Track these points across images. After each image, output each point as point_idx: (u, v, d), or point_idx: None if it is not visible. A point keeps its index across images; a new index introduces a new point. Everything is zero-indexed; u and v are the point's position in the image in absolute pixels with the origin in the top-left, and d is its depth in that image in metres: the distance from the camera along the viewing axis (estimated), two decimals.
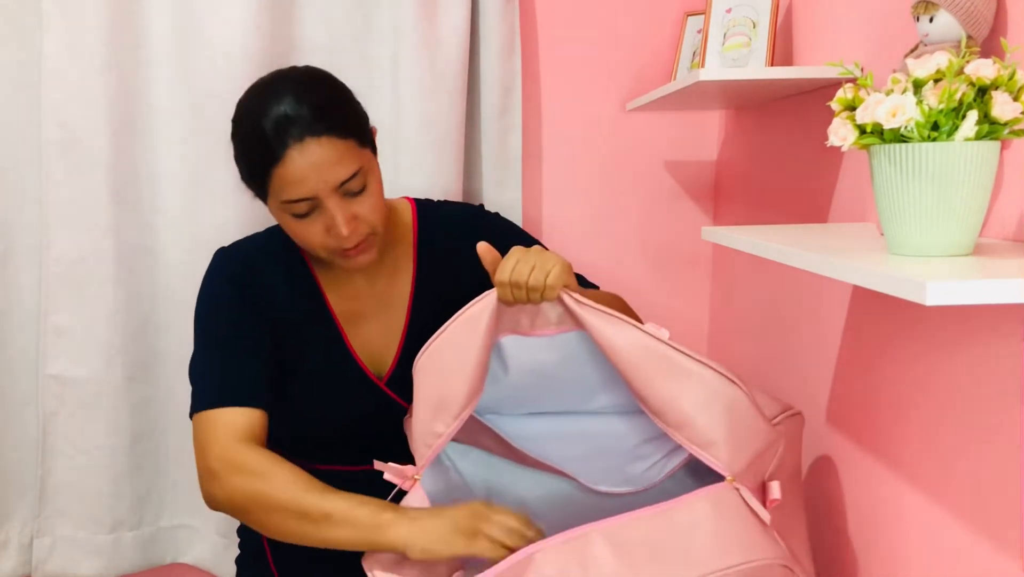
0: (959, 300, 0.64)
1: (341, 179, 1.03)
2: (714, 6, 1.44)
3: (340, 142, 1.03)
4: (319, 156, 1.01)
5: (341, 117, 1.05)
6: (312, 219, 1.05)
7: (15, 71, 1.56)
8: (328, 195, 1.03)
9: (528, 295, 1.00)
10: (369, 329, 1.19)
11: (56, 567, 1.63)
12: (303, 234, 1.07)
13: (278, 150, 1.01)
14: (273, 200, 1.06)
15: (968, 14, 0.87)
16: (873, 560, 1.13)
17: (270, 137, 1.01)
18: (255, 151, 1.03)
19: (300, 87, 1.05)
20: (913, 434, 1.03)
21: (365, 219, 1.07)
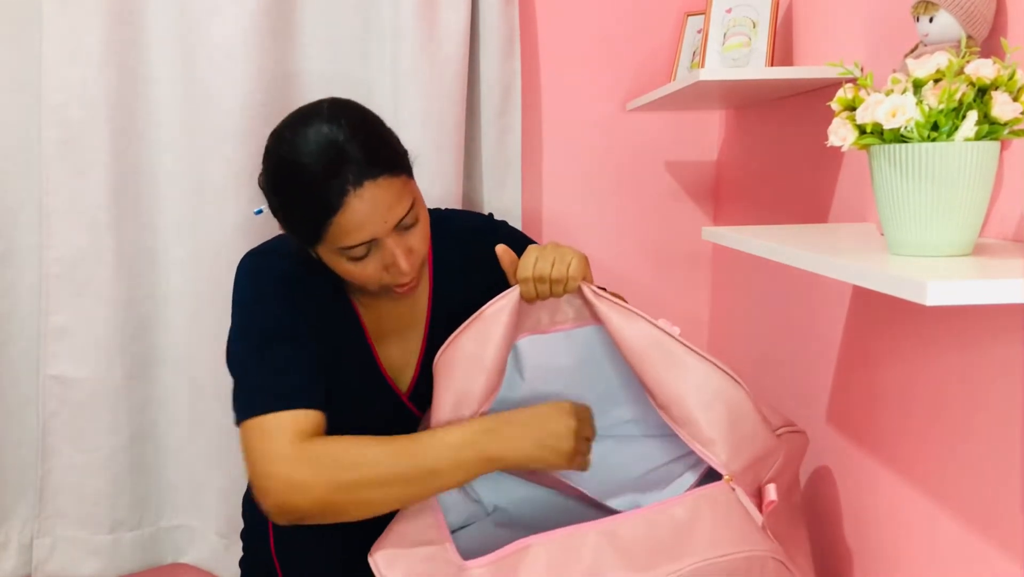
0: (959, 300, 0.64)
1: (399, 217, 1.01)
2: (714, 6, 1.44)
3: (395, 180, 1.00)
4: (379, 199, 0.98)
5: (391, 155, 1.02)
6: (369, 259, 1.02)
7: (15, 71, 1.56)
8: (387, 234, 1.01)
9: (551, 288, 1.03)
10: (392, 346, 1.19)
11: (56, 567, 1.63)
12: (359, 275, 1.04)
13: (337, 199, 0.96)
14: (327, 247, 1.01)
15: (968, 14, 0.87)
16: (873, 560, 1.13)
17: (325, 187, 0.96)
18: (309, 201, 0.98)
19: (343, 128, 0.99)
20: (913, 434, 1.03)
21: (418, 251, 1.05)
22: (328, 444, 0.97)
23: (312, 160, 0.97)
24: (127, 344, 1.61)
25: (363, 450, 0.96)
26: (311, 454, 0.95)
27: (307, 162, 0.98)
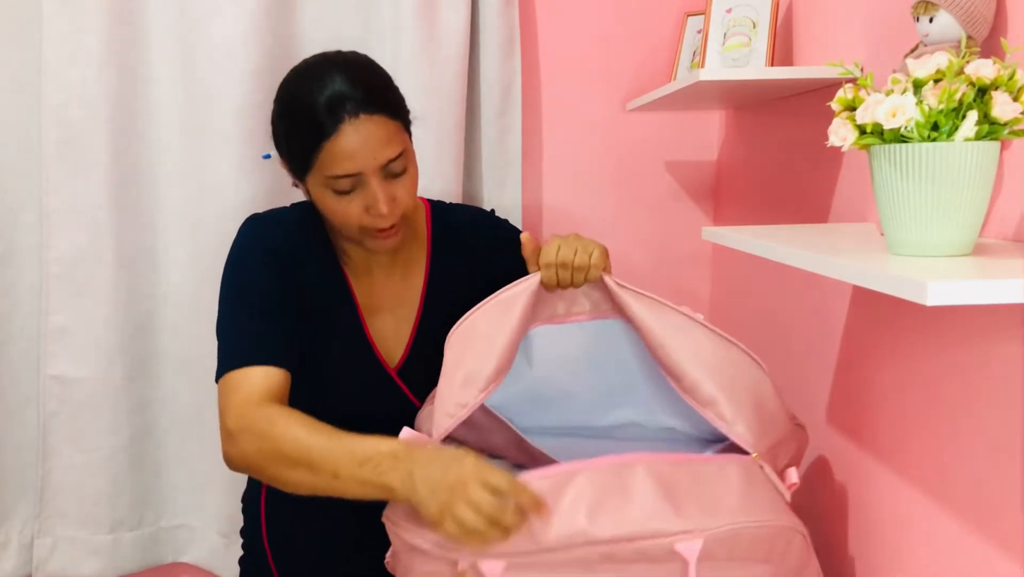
0: (959, 300, 0.64)
1: (388, 158, 1.05)
2: (714, 6, 1.44)
3: (391, 122, 1.06)
4: (371, 133, 1.03)
5: (392, 100, 1.08)
6: (352, 197, 1.06)
7: (15, 71, 1.56)
8: (373, 173, 1.05)
9: (573, 276, 1.06)
10: (384, 321, 1.21)
11: (56, 567, 1.63)
12: (342, 211, 1.07)
13: (332, 124, 1.02)
14: (316, 176, 1.06)
15: (968, 14, 0.87)
16: (873, 560, 1.13)
17: (324, 112, 1.03)
18: (307, 125, 1.04)
19: (352, 68, 1.07)
20: (913, 434, 1.03)
21: (402, 201, 1.09)
22: (267, 411, 1.01)
23: (315, 87, 1.04)
24: (127, 344, 1.61)
25: (289, 427, 0.99)
26: (249, 415, 1.01)
27: (310, 88, 1.05)
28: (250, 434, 1.01)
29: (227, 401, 1.04)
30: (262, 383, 1.04)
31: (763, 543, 0.95)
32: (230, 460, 1.05)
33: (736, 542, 0.93)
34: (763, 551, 0.96)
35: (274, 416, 1.01)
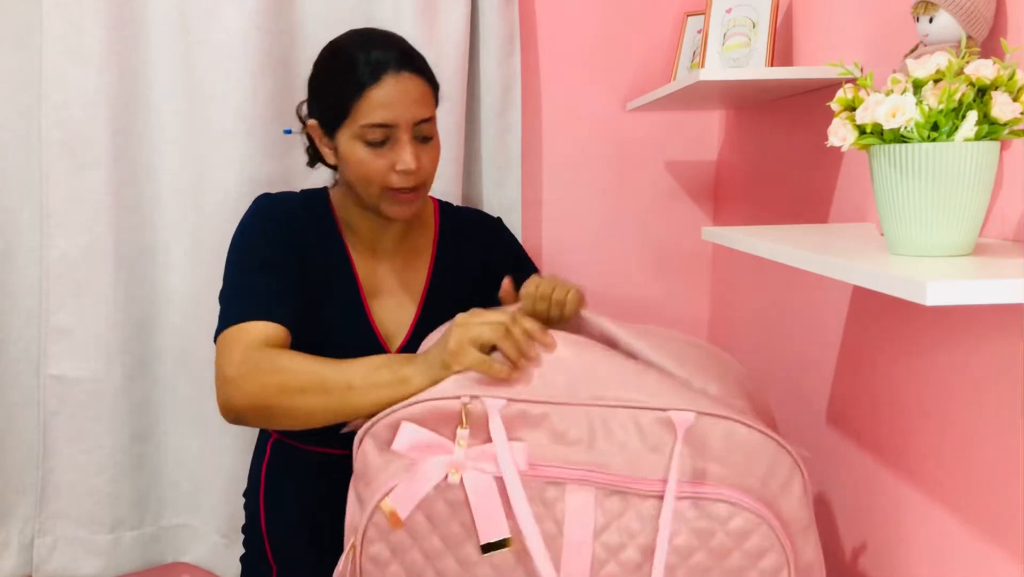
0: (959, 300, 0.64)
1: (421, 116, 1.12)
2: (714, 6, 1.44)
3: (427, 86, 1.14)
4: (411, 89, 1.11)
5: (428, 69, 1.16)
6: (382, 151, 1.12)
7: (15, 71, 1.56)
8: (406, 128, 1.11)
9: (550, 308, 1.09)
10: (386, 305, 1.23)
11: (57, 567, 1.63)
12: (368, 166, 1.12)
13: (376, 74, 1.10)
14: (350, 127, 1.11)
15: (968, 14, 0.87)
16: (873, 560, 1.13)
17: (370, 63, 1.10)
18: (350, 74, 1.10)
19: (397, 38, 1.18)
20: (913, 434, 1.03)
21: (425, 168, 1.14)
22: (268, 352, 1.03)
23: (362, 44, 1.13)
24: (127, 344, 1.61)
25: (294, 359, 1.02)
26: (252, 358, 1.02)
27: (357, 44, 1.14)
28: (253, 374, 1.01)
29: (226, 352, 1.04)
30: (261, 335, 1.05)
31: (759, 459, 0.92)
32: (231, 406, 1.03)
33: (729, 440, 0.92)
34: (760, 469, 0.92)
35: (276, 354, 1.03)
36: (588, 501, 0.90)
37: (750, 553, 0.90)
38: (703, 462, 0.91)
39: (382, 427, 0.95)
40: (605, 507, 0.90)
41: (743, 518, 0.90)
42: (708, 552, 0.90)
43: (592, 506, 0.90)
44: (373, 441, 0.95)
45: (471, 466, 0.90)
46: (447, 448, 0.91)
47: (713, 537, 0.90)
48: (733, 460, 0.92)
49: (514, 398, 0.93)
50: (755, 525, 0.90)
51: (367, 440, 0.96)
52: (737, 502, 0.90)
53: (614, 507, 0.91)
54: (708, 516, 0.90)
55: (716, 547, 0.90)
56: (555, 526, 0.90)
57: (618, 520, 0.90)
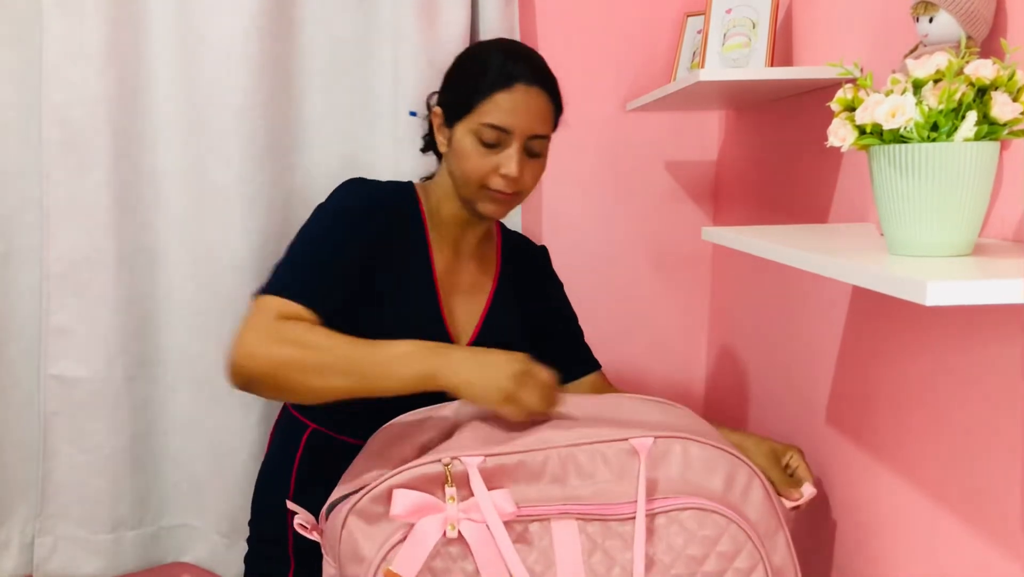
0: (959, 300, 0.64)
1: (538, 132, 1.17)
2: (714, 6, 1.44)
3: (551, 106, 1.20)
4: (536, 102, 1.17)
5: (558, 94, 1.22)
6: (491, 152, 1.16)
7: (15, 71, 1.56)
8: (520, 137, 1.16)
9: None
10: (458, 302, 1.27)
11: (57, 566, 1.63)
12: (474, 161, 1.16)
13: (510, 80, 1.15)
14: (470, 121, 1.16)
15: (968, 14, 0.87)
16: (873, 560, 1.13)
17: (508, 68, 1.16)
18: (487, 73, 1.16)
19: (539, 57, 1.23)
20: (913, 434, 1.03)
21: (525, 180, 1.19)
22: (295, 325, 1.03)
23: (507, 52, 1.19)
24: (128, 344, 1.61)
25: (319, 336, 1.02)
26: (276, 329, 1.03)
27: (502, 50, 1.20)
28: (272, 347, 1.01)
29: (255, 315, 1.05)
30: (294, 313, 1.06)
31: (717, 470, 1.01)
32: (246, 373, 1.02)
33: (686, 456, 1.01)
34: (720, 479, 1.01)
35: (295, 327, 1.03)
36: (572, 531, 0.97)
37: (725, 555, 0.98)
38: (667, 478, 1.01)
39: (367, 502, 0.97)
40: (588, 533, 0.97)
41: (712, 521, 0.98)
42: (687, 560, 0.97)
43: (576, 534, 0.97)
44: (359, 518, 0.98)
45: (464, 517, 0.95)
46: (439, 507, 0.96)
47: (689, 545, 0.98)
48: (694, 472, 1.01)
49: (490, 453, 0.99)
50: (724, 526, 0.98)
51: (352, 519, 0.98)
52: (704, 507, 0.98)
53: (596, 534, 0.98)
54: (681, 526, 0.98)
55: (693, 555, 0.97)
56: (547, 559, 0.96)
57: (602, 545, 0.97)
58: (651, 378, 1.89)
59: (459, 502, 0.96)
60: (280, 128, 1.60)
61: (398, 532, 0.96)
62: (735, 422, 1.72)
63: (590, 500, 0.99)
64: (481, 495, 0.95)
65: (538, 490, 0.99)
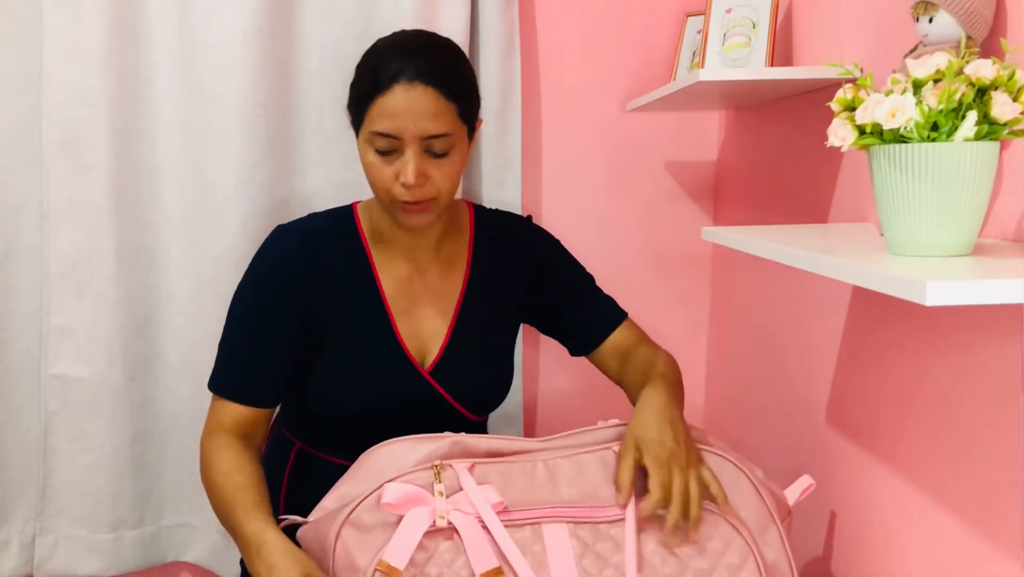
0: (959, 300, 0.64)
1: (429, 132, 1.07)
2: (714, 6, 1.44)
3: (443, 101, 1.08)
4: (419, 102, 1.06)
5: (456, 81, 1.10)
6: (389, 160, 1.09)
7: (15, 71, 1.56)
8: (412, 141, 1.07)
9: None
10: (419, 317, 1.22)
11: (58, 566, 1.63)
12: (375, 172, 1.11)
13: (388, 81, 1.07)
14: (364, 131, 1.10)
15: (968, 14, 0.87)
16: (873, 560, 1.13)
17: (386, 68, 1.08)
18: (368, 77, 1.09)
19: (431, 42, 1.14)
20: (913, 434, 1.03)
21: (434, 183, 1.10)
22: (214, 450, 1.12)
23: (391, 50, 1.11)
24: (128, 343, 1.61)
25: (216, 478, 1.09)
26: (206, 445, 1.14)
27: (387, 49, 1.11)
28: (202, 470, 1.13)
29: (207, 420, 1.17)
30: (233, 417, 1.15)
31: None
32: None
33: None
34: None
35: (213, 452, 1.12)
36: (563, 534, 0.99)
37: (715, 551, 0.99)
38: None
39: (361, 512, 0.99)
40: (579, 536, 0.99)
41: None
42: (677, 559, 0.99)
43: (568, 538, 0.99)
44: (353, 529, 0.99)
45: (452, 509, 0.97)
46: (429, 500, 0.98)
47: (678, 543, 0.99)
48: None
49: (479, 461, 1.02)
50: (713, 522, 1.00)
51: (346, 530, 0.99)
52: None
53: (587, 536, 0.99)
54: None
55: (684, 553, 0.99)
56: (539, 562, 0.97)
57: (593, 547, 0.99)
58: None
59: (448, 497, 0.98)
60: (280, 128, 1.60)
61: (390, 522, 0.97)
62: (735, 422, 1.72)
63: (580, 503, 1.01)
64: (470, 488, 0.98)
65: (528, 494, 1.01)
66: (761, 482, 1.05)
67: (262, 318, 1.17)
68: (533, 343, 1.83)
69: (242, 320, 1.18)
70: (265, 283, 1.18)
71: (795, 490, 1.10)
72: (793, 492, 1.09)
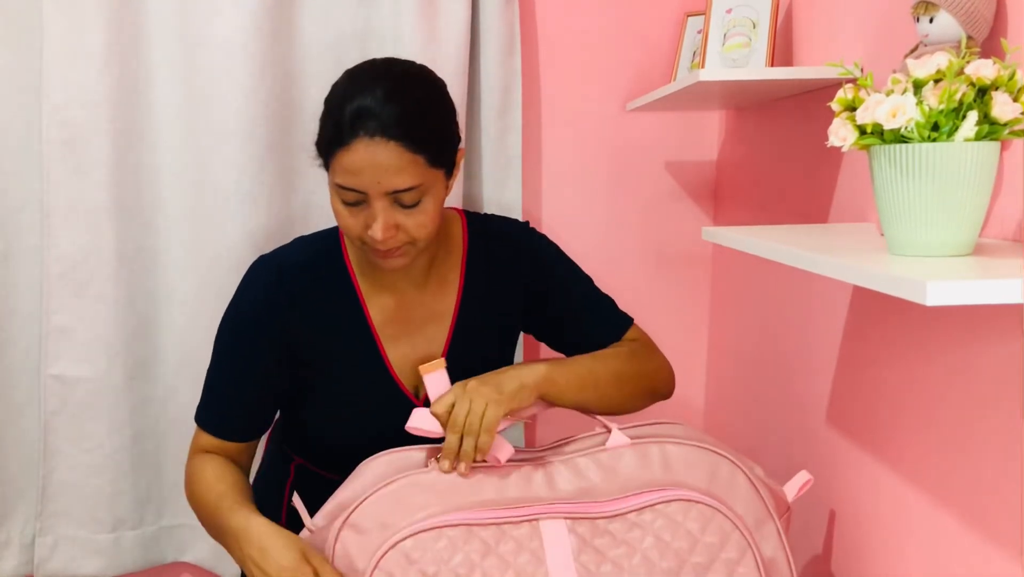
0: (959, 300, 0.64)
1: (395, 188, 1.02)
2: (714, 6, 1.45)
3: (408, 154, 1.01)
4: (382, 158, 1.01)
5: (422, 130, 1.03)
6: (357, 210, 1.05)
7: (15, 71, 1.56)
8: (378, 197, 1.03)
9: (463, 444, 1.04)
10: (410, 343, 1.19)
11: (57, 566, 1.63)
12: (343, 221, 1.08)
13: (349, 136, 1.02)
14: (331, 177, 1.07)
15: (968, 14, 0.87)
16: (873, 560, 1.13)
17: (347, 121, 1.02)
18: (330, 128, 1.05)
19: (398, 85, 1.05)
20: (913, 434, 1.03)
21: (407, 232, 1.06)
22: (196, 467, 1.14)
23: (354, 92, 1.04)
24: (128, 343, 1.61)
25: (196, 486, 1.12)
26: (189, 467, 1.16)
27: (350, 91, 1.04)
28: (187, 486, 1.15)
29: (191, 446, 1.19)
30: (213, 445, 1.16)
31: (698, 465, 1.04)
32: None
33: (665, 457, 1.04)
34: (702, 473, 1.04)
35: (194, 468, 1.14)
36: (561, 531, 0.99)
37: (712, 545, 0.99)
38: (650, 479, 1.03)
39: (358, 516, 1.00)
40: (577, 532, 0.99)
41: (697, 512, 1.00)
42: (675, 553, 0.99)
43: (566, 534, 0.99)
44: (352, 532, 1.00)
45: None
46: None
47: (676, 538, 0.99)
48: (674, 471, 1.04)
49: (476, 465, 1.03)
50: (710, 517, 1.00)
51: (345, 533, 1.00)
52: (688, 498, 1.00)
53: (585, 533, 1.00)
54: (667, 519, 1.00)
55: (681, 547, 0.99)
56: (538, 558, 0.98)
57: (591, 543, 0.99)
58: None
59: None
60: (280, 128, 1.60)
61: (388, 540, 0.97)
62: (735, 422, 1.72)
63: (577, 499, 1.02)
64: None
65: (526, 491, 1.02)
66: (759, 478, 1.06)
67: (240, 355, 1.16)
68: (533, 346, 1.83)
69: (221, 355, 1.17)
70: (243, 320, 1.16)
71: (793, 486, 1.10)
72: (791, 488, 1.10)
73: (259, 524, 1.00)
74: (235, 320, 1.17)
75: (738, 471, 1.05)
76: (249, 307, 1.16)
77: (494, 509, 1.00)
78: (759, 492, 1.04)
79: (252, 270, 1.18)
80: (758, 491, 1.04)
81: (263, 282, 1.16)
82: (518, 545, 0.98)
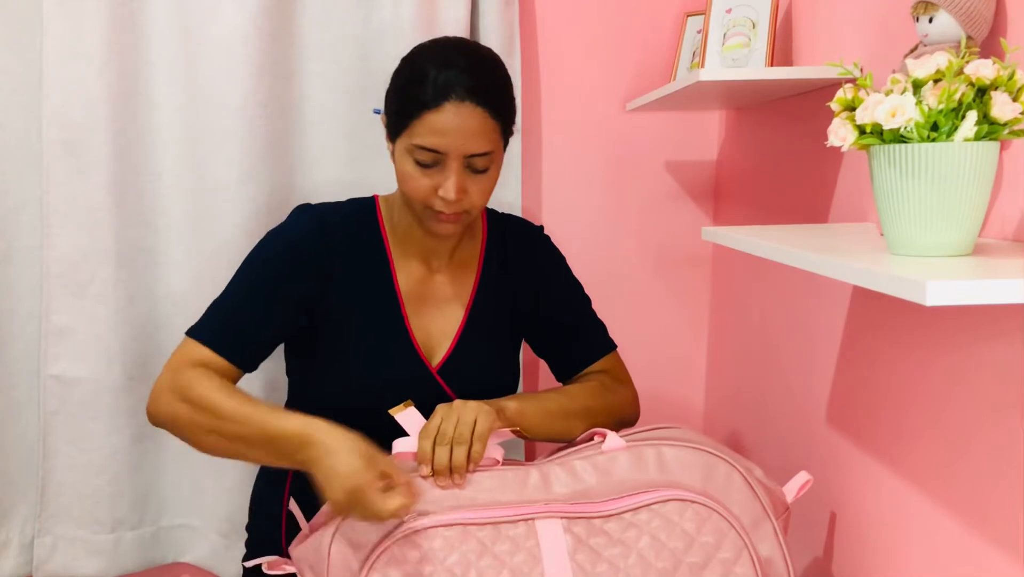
0: (959, 300, 0.64)
1: (474, 151, 1.09)
2: (714, 6, 1.44)
3: (491, 121, 1.10)
4: (469, 121, 1.08)
5: (502, 102, 1.12)
6: (429, 172, 1.11)
7: (15, 72, 1.56)
8: (456, 158, 1.09)
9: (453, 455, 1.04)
10: (430, 316, 1.23)
11: (57, 566, 1.63)
12: (413, 183, 1.12)
13: (438, 99, 1.07)
14: (405, 141, 1.11)
15: (968, 14, 0.87)
16: (872, 560, 1.13)
17: (438, 84, 1.08)
18: (416, 90, 1.09)
19: (477, 60, 1.13)
20: (913, 433, 1.03)
21: (471, 198, 1.12)
22: (200, 380, 1.07)
23: (440, 60, 1.10)
24: (128, 344, 1.61)
25: (212, 395, 1.05)
26: (183, 381, 1.08)
27: (435, 59, 1.11)
28: (172, 396, 1.08)
29: (174, 360, 1.12)
30: (207, 362, 1.11)
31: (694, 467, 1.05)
32: (151, 416, 1.11)
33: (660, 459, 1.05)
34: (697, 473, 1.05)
35: (196, 381, 1.07)
36: (557, 530, 1.00)
37: (708, 545, 1.00)
38: (646, 480, 1.04)
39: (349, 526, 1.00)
40: (573, 532, 1.00)
41: (693, 512, 1.01)
42: (671, 553, 0.99)
43: (562, 534, 1.00)
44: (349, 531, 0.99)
45: None
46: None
47: (672, 538, 1.00)
48: (670, 472, 1.05)
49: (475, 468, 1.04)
50: (706, 516, 1.01)
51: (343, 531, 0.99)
52: (684, 497, 1.01)
53: (581, 532, 1.00)
54: (663, 519, 1.01)
55: (677, 547, 1.00)
56: (534, 558, 0.98)
57: (587, 542, 1.00)
58: (651, 378, 1.89)
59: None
60: (280, 128, 1.60)
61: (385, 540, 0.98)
62: (735, 421, 1.72)
63: (573, 499, 1.03)
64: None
65: (522, 492, 1.02)
66: (756, 479, 1.06)
67: (264, 282, 1.17)
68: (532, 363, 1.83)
69: (242, 278, 1.18)
70: (277, 253, 1.18)
71: (793, 486, 1.10)
72: (791, 489, 1.10)
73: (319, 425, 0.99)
74: (269, 251, 1.19)
75: (735, 472, 1.05)
76: (286, 244, 1.19)
77: (490, 509, 1.01)
78: (755, 492, 1.05)
79: (297, 212, 1.22)
80: (755, 491, 1.05)
81: (306, 227, 1.19)
82: (514, 545, 0.98)
